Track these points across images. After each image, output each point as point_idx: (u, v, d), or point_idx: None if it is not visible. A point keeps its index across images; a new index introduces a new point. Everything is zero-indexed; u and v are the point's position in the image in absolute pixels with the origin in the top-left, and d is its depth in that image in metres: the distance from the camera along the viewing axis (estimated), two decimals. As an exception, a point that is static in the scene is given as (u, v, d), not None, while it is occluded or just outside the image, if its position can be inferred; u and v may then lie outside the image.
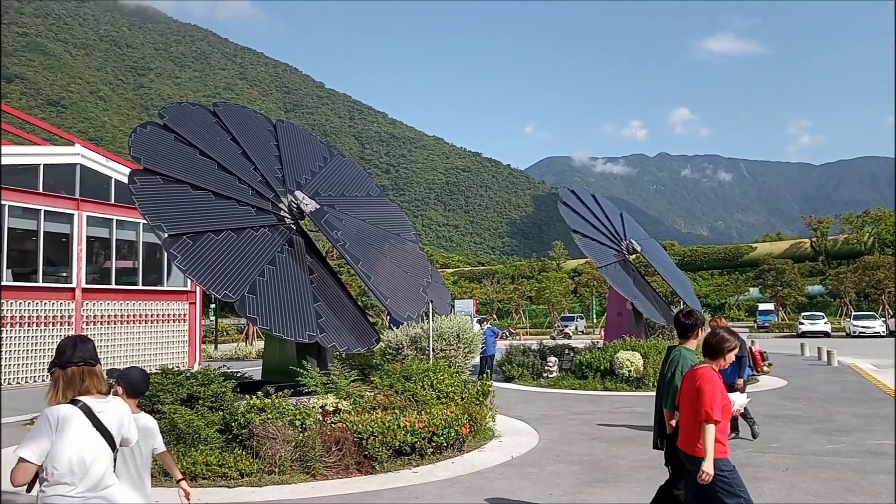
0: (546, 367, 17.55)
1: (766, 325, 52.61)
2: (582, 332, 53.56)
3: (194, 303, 26.33)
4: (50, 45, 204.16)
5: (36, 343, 20.73)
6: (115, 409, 3.33)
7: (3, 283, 20.17)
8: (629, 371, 15.85)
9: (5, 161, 21.45)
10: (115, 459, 3.34)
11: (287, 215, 11.85)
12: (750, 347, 10.45)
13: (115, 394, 3.98)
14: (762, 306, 57.76)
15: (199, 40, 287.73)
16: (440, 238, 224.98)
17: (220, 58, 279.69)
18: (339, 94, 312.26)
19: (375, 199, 14.26)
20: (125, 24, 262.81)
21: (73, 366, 3.25)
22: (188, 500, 4.34)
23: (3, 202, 19.84)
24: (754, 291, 69.32)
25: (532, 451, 9.40)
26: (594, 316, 60.80)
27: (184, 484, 4.32)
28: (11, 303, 20.22)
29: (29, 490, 3.24)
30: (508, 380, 18.03)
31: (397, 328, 16.34)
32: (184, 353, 25.69)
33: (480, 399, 10.65)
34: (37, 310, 20.88)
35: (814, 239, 79.20)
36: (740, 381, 9.81)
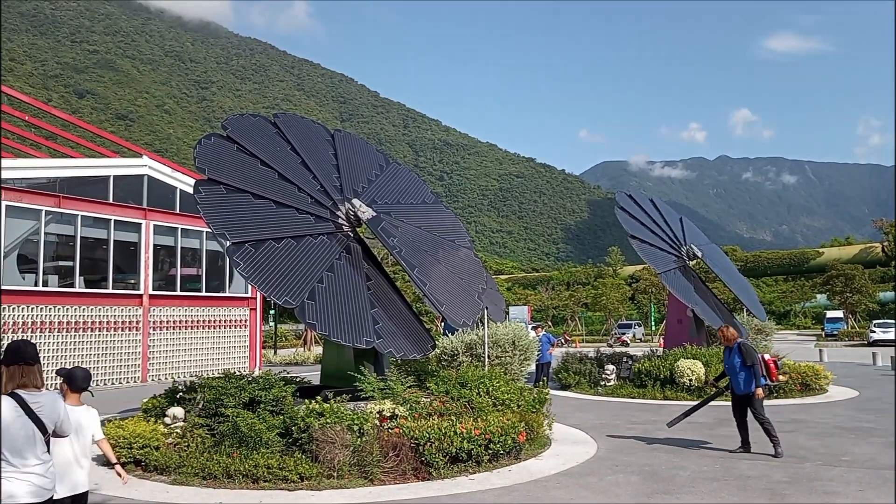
0: (603, 376, 17.29)
1: (835, 333, 50.46)
2: (640, 339, 52.51)
3: (255, 309, 26.99)
4: (119, 62, 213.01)
5: (106, 347, 21.61)
6: (48, 402, 3.92)
7: (77, 289, 21.12)
8: (690, 380, 15.47)
9: (78, 173, 22.51)
10: (48, 443, 3.91)
11: (345, 223, 12.05)
12: (762, 356, 9.94)
13: (61, 388, 4.90)
14: (830, 314, 55.48)
15: (259, 53, 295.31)
16: (494, 244, 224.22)
17: (278, 70, 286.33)
18: (394, 102, 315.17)
19: (430, 206, 14.36)
20: (188, 39, 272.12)
21: (15, 364, 3.87)
22: (123, 480, 5.53)
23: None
24: (822, 298, 66.72)
25: (590, 461, 9.27)
26: (653, 323, 59.55)
27: (118, 468, 5.29)
28: (84, 308, 21.14)
29: None
30: (565, 388, 17.83)
31: (452, 334, 16.35)
32: (244, 358, 26.35)
33: (537, 407, 10.56)
34: (107, 315, 21.76)
35: (885, 243, 75.67)
36: (760, 392, 9.39)
